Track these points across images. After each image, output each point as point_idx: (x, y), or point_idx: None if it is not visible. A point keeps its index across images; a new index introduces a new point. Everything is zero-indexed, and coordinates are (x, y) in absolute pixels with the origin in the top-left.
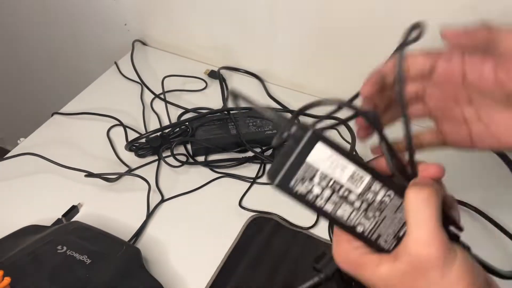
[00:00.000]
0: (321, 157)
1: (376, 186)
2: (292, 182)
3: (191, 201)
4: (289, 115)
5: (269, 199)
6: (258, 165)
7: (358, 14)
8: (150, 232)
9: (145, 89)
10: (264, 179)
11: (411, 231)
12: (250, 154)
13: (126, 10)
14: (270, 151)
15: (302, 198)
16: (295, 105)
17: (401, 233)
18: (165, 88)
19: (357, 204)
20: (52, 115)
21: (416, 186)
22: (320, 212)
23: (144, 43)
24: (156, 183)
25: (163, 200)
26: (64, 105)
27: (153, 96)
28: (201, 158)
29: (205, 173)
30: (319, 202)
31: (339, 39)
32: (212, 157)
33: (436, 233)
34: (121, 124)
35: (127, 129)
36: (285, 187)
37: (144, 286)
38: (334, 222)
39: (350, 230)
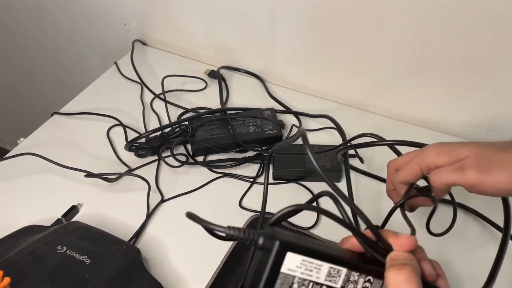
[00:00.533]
0: (294, 264)
1: (354, 275)
2: None
3: (191, 201)
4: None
5: (269, 199)
6: (258, 165)
7: (358, 14)
8: (150, 232)
9: (145, 89)
10: (263, 178)
11: None
12: (250, 154)
13: (126, 10)
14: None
15: None
16: (296, 105)
17: None
18: (165, 88)
19: None
20: (52, 115)
21: (393, 268)
22: None
23: (144, 43)
24: (156, 183)
25: (163, 200)
26: (64, 105)
27: (153, 96)
28: (201, 158)
29: (205, 173)
30: None
31: (340, 39)
32: (212, 157)
33: None
34: (121, 124)
35: (127, 129)
36: None
37: (144, 286)
38: None
39: None
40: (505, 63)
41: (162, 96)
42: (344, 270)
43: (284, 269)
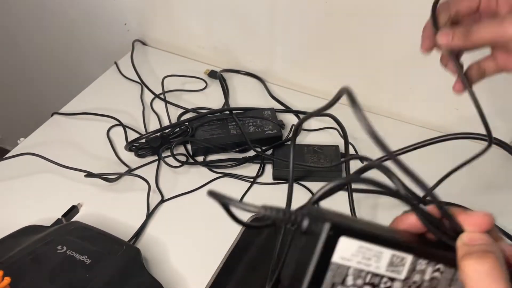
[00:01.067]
0: (349, 251)
1: (422, 264)
2: None
3: (191, 201)
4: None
5: (269, 199)
6: (258, 165)
7: (358, 14)
8: (150, 232)
9: (145, 89)
10: (264, 179)
11: None
12: (250, 154)
13: (126, 10)
14: (270, 151)
15: None
16: (297, 106)
17: None
18: (165, 88)
19: None
20: (52, 115)
21: (471, 256)
22: None
23: (144, 43)
24: (156, 183)
25: (163, 200)
26: (64, 105)
27: (153, 96)
28: (201, 158)
29: (205, 173)
30: None
31: (339, 39)
32: (212, 157)
33: None
34: (121, 124)
35: (127, 129)
36: None
37: (144, 286)
38: None
39: None
40: None
41: (162, 96)
42: (409, 258)
43: (336, 258)
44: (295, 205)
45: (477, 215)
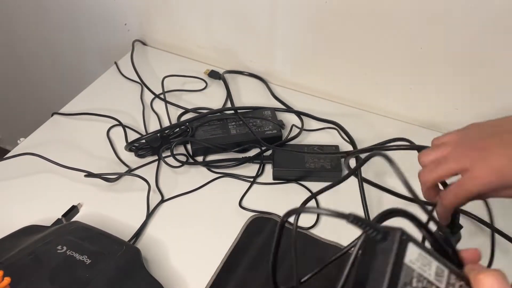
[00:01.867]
0: (413, 256)
1: (452, 279)
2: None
3: (191, 201)
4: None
5: (269, 199)
6: (258, 165)
7: (358, 14)
8: (150, 232)
9: (145, 89)
10: (263, 179)
11: None
12: (250, 154)
13: (126, 10)
14: (269, 152)
15: None
16: (299, 106)
17: None
18: (165, 88)
19: None
20: (52, 115)
21: (482, 272)
22: None
23: (144, 43)
24: (156, 183)
25: (163, 200)
26: (64, 105)
27: (153, 96)
28: (201, 158)
29: (205, 173)
30: None
31: (340, 39)
32: (212, 157)
33: None
34: (121, 124)
35: (127, 129)
36: None
37: (144, 286)
38: None
39: None
40: (505, 64)
41: (162, 96)
42: (446, 271)
43: (407, 260)
44: (294, 205)
45: (470, 251)
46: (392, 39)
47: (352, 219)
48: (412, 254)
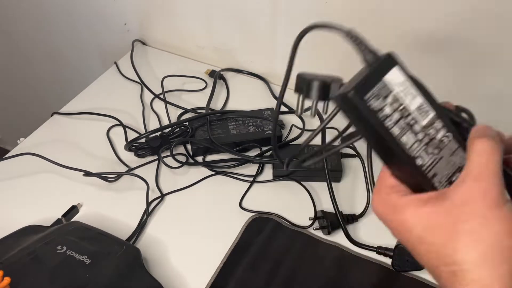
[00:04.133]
0: (395, 80)
1: (438, 124)
2: (368, 95)
3: (191, 201)
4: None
5: (269, 199)
6: (257, 165)
7: (358, 14)
8: (149, 232)
9: (145, 89)
10: (263, 177)
11: (469, 176)
12: (250, 154)
13: (126, 10)
14: (270, 152)
15: (372, 114)
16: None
17: (453, 178)
18: (165, 88)
19: (420, 136)
20: (52, 115)
21: (481, 136)
22: (386, 135)
23: (144, 43)
24: (156, 182)
25: (163, 200)
26: (64, 105)
27: (153, 96)
28: (201, 158)
29: (205, 173)
30: (388, 123)
31: (339, 39)
32: (212, 157)
33: (493, 183)
34: (121, 124)
35: (127, 129)
36: (358, 99)
37: (144, 286)
38: (394, 149)
39: (409, 161)
40: (506, 64)
41: (162, 96)
42: (432, 114)
43: (386, 78)
44: (296, 206)
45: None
46: (392, 39)
47: (351, 35)
48: (397, 78)
